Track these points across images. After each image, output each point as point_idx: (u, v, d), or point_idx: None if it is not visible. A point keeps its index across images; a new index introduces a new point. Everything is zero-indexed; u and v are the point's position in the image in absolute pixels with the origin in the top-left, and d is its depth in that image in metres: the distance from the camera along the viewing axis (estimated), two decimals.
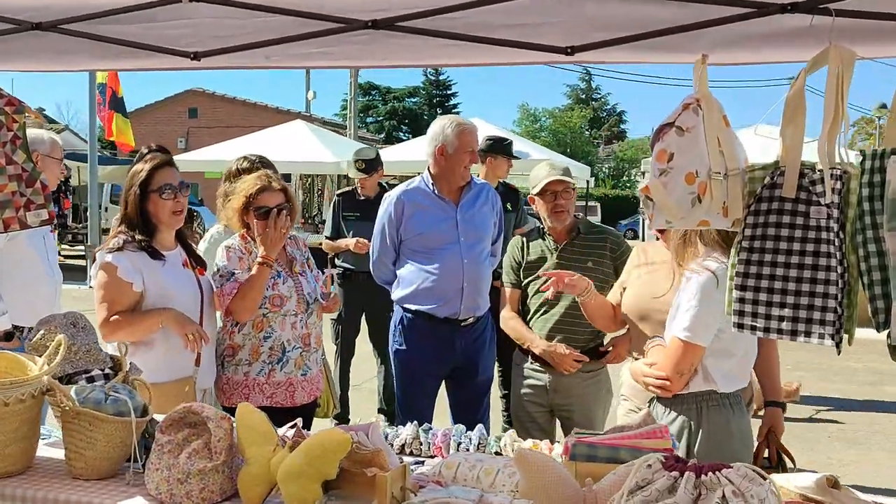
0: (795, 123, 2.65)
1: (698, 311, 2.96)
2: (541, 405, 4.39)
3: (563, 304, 4.23)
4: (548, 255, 4.34)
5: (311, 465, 2.34)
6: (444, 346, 4.75)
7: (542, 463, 2.16)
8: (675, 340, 3.02)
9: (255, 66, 3.05)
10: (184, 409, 2.57)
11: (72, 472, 2.67)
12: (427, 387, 4.89)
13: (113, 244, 3.54)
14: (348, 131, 26.82)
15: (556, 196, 4.26)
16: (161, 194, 3.57)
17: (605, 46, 2.73)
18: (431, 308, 4.71)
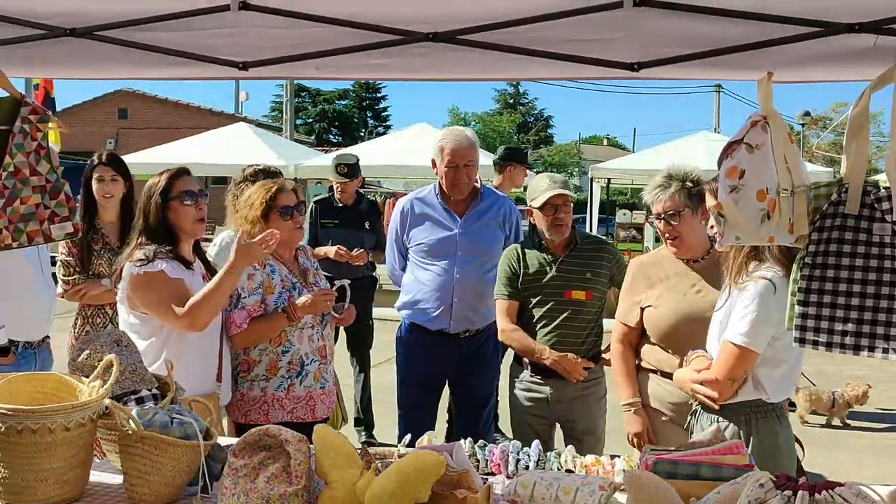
0: (859, 140, 2.70)
1: (756, 317, 2.99)
2: (542, 417, 4.35)
3: (562, 315, 4.22)
4: (547, 268, 4.30)
5: (404, 488, 2.30)
6: (437, 359, 4.73)
7: (655, 484, 2.16)
8: (730, 346, 3.03)
9: (304, 77, 2.98)
10: (259, 433, 2.49)
11: (133, 497, 2.56)
12: (425, 398, 4.85)
13: (142, 255, 3.41)
14: (285, 133, 26.51)
15: (556, 210, 4.23)
16: (183, 201, 3.48)
17: (672, 63, 2.75)
18: (422, 320, 4.69)
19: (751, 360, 3.03)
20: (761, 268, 3.05)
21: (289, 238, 3.98)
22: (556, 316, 4.24)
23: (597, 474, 2.84)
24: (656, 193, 3.72)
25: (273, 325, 3.83)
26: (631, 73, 2.76)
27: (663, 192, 3.69)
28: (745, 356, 3.02)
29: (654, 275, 3.82)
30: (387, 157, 15.45)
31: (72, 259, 4.64)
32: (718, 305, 3.19)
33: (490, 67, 2.92)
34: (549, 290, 4.26)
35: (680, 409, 3.65)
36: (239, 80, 34.45)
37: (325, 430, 2.48)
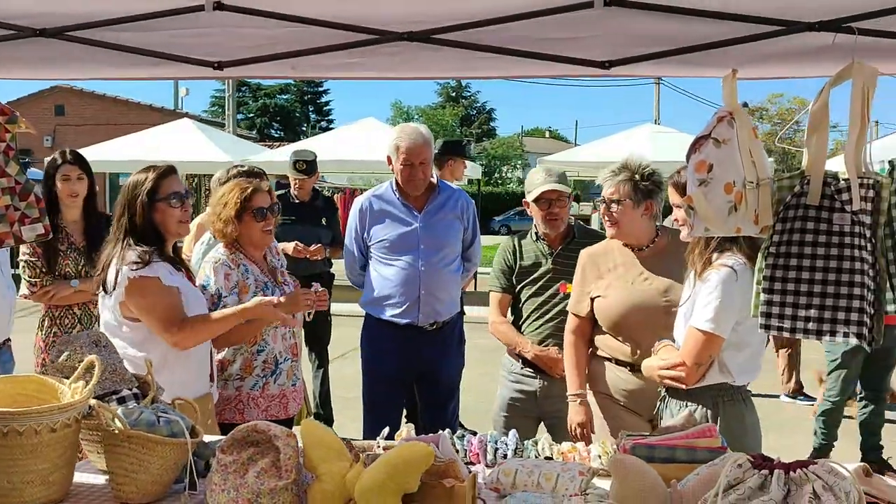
0: (819, 134, 2.82)
1: (720, 303, 3.10)
2: (527, 411, 4.41)
3: (556, 309, 4.30)
4: (542, 261, 4.38)
5: (393, 479, 2.35)
6: (406, 353, 4.77)
7: (640, 469, 2.24)
8: (696, 332, 3.14)
9: (281, 77, 3.00)
10: (247, 428, 2.52)
11: (120, 496, 2.57)
12: (393, 392, 4.90)
13: (136, 257, 3.39)
14: (227, 128, 26.26)
15: (550, 204, 4.29)
16: (170, 203, 3.46)
17: (641, 61, 2.83)
18: (391, 315, 4.73)
19: (716, 345, 3.14)
20: (723, 257, 3.16)
21: (260, 240, 4.00)
22: (550, 309, 4.32)
23: (573, 461, 2.92)
24: (606, 178, 3.81)
25: (254, 326, 3.85)
26: (602, 71, 2.84)
27: (612, 178, 3.77)
28: (711, 341, 3.13)
29: (602, 265, 3.91)
30: (333, 151, 15.40)
31: (37, 260, 4.59)
32: (683, 299, 3.29)
33: (464, 66, 2.98)
34: (544, 282, 4.34)
35: (634, 396, 3.74)
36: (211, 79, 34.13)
37: (312, 424, 2.53)
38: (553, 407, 4.31)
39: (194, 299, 3.55)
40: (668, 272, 3.71)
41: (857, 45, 2.72)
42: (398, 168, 4.62)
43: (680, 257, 3.60)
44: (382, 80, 3.05)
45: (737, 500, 2.16)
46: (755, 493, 2.16)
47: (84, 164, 4.72)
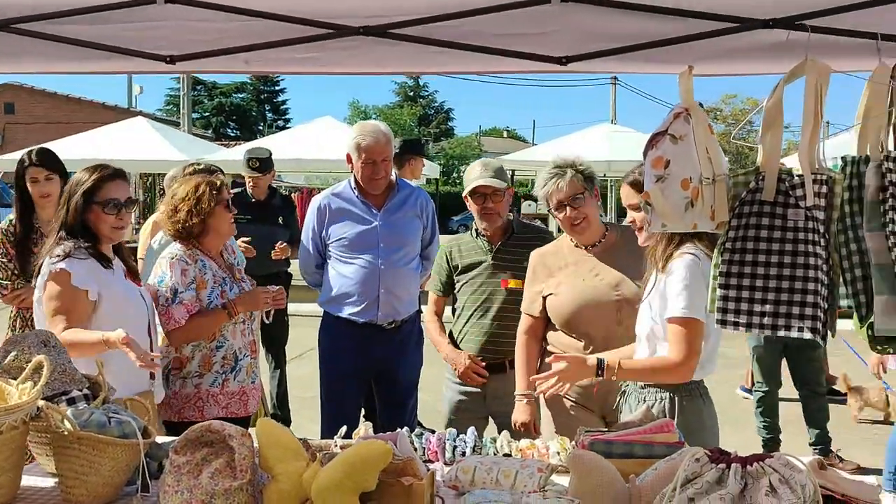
0: (774, 131, 2.84)
1: (690, 288, 3.07)
2: (476, 412, 4.38)
3: (499, 303, 4.29)
4: (483, 257, 4.37)
5: (351, 477, 2.32)
6: (364, 351, 4.74)
7: (597, 464, 2.23)
8: (676, 323, 3.09)
9: (234, 71, 2.96)
10: (201, 429, 2.47)
11: (70, 499, 2.51)
12: (351, 391, 4.87)
13: (60, 251, 3.33)
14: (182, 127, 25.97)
15: (485, 199, 4.28)
16: (104, 208, 3.39)
17: (598, 57, 2.83)
18: (349, 314, 4.70)
19: (700, 329, 3.09)
20: (682, 247, 3.16)
21: (229, 231, 3.98)
22: (493, 305, 4.30)
23: (532, 458, 2.91)
24: (552, 183, 3.78)
25: (213, 322, 3.82)
26: (560, 67, 2.84)
27: (560, 179, 3.76)
28: (694, 325, 3.08)
29: (553, 264, 3.91)
30: (290, 150, 15.29)
31: (9, 262, 4.48)
32: (646, 294, 3.28)
33: (419, 61, 2.96)
34: (485, 278, 4.33)
35: (586, 392, 3.73)
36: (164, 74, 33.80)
37: (268, 423, 2.49)
38: (502, 406, 4.28)
39: (127, 299, 3.49)
40: (619, 267, 3.74)
41: (811, 43, 2.75)
42: (359, 167, 4.59)
43: (630, 252, 3.61)
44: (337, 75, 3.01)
45: (694, 494, 2.16)
46: (713, 488, 2.16)
47: (52, 163, 4.60)
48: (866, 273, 2.72)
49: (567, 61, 2.83)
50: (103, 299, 3.38)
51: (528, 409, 3.93)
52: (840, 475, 2.66)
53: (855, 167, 2.76)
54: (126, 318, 3.39)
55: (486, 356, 4.31)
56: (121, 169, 3.48)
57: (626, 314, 3.62)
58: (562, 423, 3.79)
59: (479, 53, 2.86)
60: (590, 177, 3.82)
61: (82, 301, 3.33)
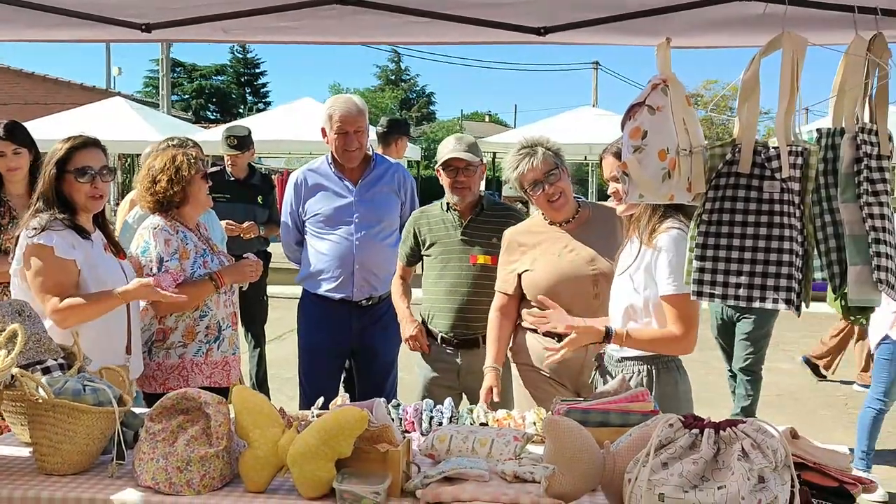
0: (750, 103, 2.84)
1: (679, 262, 3.06)
2: (449, 388, 4.37)
3: (469, 279, 4.27)
4: (452, 231, 4.34)
5: (327, 444, 2.32)
6: (340, 328, 4.74)
7: (572, 430, 2.24)
8: (675, 298, 3.11)
9: (212, 40, 2.94)
10: (177, 396, 2.47)
11: (44, 468, 2.51)
12: (328, 367, 4.87)
13: (36, 224, 3.30)
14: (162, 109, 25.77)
15: (457, 172, 4.25)
16: (77, 177, 3.37)
17: (577, 28, 2.82)
18: (325, 290, 4.69)
19: (695, 302, 3.06)
20: (668, 221, 3.17)
21: (206, 201, 3.98)
22: (462, 281, 4.29)
23: (508, 427, 2.92)
24: (525, 162, 3.76)
25: (200, 292, 3.83)
26: (538, 38, 2.83)
27: (532, 157, 3.75)
28: (685, 299, 3.07)
29: (527, 241, 3.91)
30: (271, 131, 15.21)
31: None
32: (625, 264, 3.28)
33: (397, 31, 2.94)
34: (455, 253, 4.32)
35: (560, 366, 3.74)
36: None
37: (244, 390, 2.49)
38: (475, 382, 4.25)
39: (107, 272, 3.46)
40: (592, 243, 3.75)
41: (788, 16, 2.75)
42: (332, 138, 4.57)
43: (602, 229, 3.62)
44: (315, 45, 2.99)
45: (668, 458, 2.18)
46: (686, 453, 2.18)
47: (21, 137, 4.53)
48: (840, 244, 2.74)
49: (545, 32, 2.83)
50: (83, 271, 3.35)
51: (493, 379, 3.93)
52: (812, 444, 2.68)
53: (830, 139, 2.77)
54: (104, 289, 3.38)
55: (457, 332, 4.31)
56: (94, 137, 3.44)
57: (602, 288, 3.64)
58: (537, 398, 3.81)
59: (458, 23, 2.84)
60: (558, 153, 3.82)
61: (71, 271, 3.32)
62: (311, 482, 2.33)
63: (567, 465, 2.22)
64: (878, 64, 2.80)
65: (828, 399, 8.20)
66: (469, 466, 2.40)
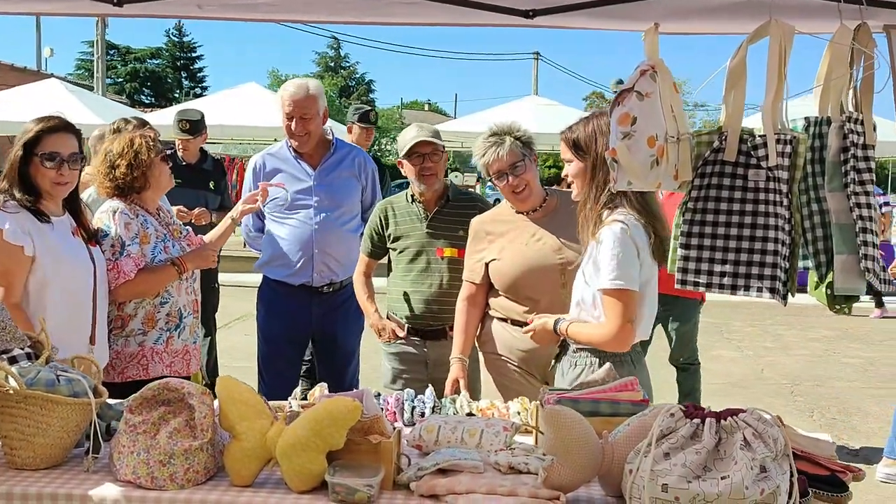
0: (737, 91, 2.84)
1: (621, 258, 2.99)
2: (417, 380, 4.27)
3: (437, 272, 4.21)
4: (418, 223, 4.26)
5: (319, 435, 2.25)
6: (299, 314, 4.66)
7: (573, 419, 2.20)
8: (608, 294, 3.03)
9: (186, 16, 2.82)
10: (158, 386, 2.37)
11: (14, 462, 2.38)
12: (288, 355, 4.78)
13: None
14: (97, 91, 25.17)
15: (423, 158, 4.16)
16: (44, 161, 3.22)
17: (564, 11, 2.78)
18: (285, 276, 4.61)
19: (633, 298, 3.03)
20: (613, 214, 3.10)
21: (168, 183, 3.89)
22: (431, 274, 4.21)
23: (492, 416, 2.88)
24: (492, 152, 3.72)
25: (162, 278, 3.69)
26: (526, 21, 2.78)
27: (499, 147, 3.70)
28: (626, 295, 3.01)
29: (494, 230, 3.87)
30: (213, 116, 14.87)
31: None
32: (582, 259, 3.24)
33: (381, 11, 2.86)
34: (421, 246, 4.24)
35: (528, 356, 3.72)
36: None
37: (229, 380, 2.40)
38: (443, 373, 4.19)
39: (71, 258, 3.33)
40: (559, 232, 3.71)
41: (774, 4, 2.74)
42: (284, 122, 4.48)
43: (570, 217, 3.57)
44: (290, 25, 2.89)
45: (669, 448, 2.15)
46: (687, 443, 2.16)
47: None
48: (827, 233, 2.75)
49: (534, 14, 2.78)
50: (40, 256, 3.20)
51: (459, 370, 3.89)
52: (797, 432, 2.69)
53: (817, 128, 2.78)
54: (63, 276, 3.24)
55: (425, 323, 4.25)
56: (67, 121, 3.30)
57: (569, 277, 3.58)
58: (505, 387, 3.77)
59: (444, 4, 2.77)
60: (528, 143, 3.77)
61: (19, 257, 3.15)
62: (301, 475, 2.25)
63: (567, 455, 2.18)
64: (863, 53, 2.81)
65: (774, 387, 8.35)
66: (463, 458, 2.34)
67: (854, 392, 8.25)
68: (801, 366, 9.37)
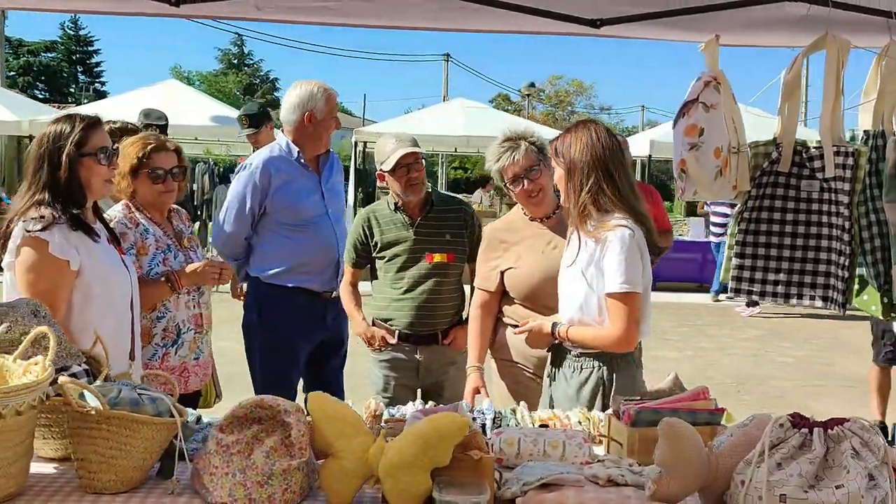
0: (791, 103, 2.91)
1: (628, 262, 3.08)
2: (408, 386, 4.32)
3: (427, 278, 4.20)
4: (405, 231, 4.23)
5: (426, 453, 2.19)
6: (314, 319, 4.54)
7: (688, 431, 2.20)
8: (616, 298, 3.12)
9: (243, 18, 2.72)
10: (250, 404, 2.27)
11: (93, 486, 2.24)
12: (296, 360, 4.64)
13: (36, 215, 2.95)
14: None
15: (408, 169, 4.14)
16: (98, 159, 3.05)
17: (631, 21, 2.78)
18: (310, 284, 4.46)
19: (637, 301, 3.14)
20: (612, 217, 3.15)
21: (154, 201, 3.68)
22: (419, 279, 4.20)
23: (555, 427, 2.86)
24: (507, 156, 3.72)
25: (154, 293, 3.54)
26: (593, 31, 2.79)
27: (514, 152, 3.71)
28: (632, 298, 3.12)
29: (509, 238, 3.87)
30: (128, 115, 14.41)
31: None
32: (570, 259, 3.28)
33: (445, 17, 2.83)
34: (410, 254, 4.21)
35: (543, 362, 3.73)
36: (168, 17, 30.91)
37: (321, 396, 2.31)
38: (433, 377, 4.28)
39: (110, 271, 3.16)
40: None
41: (831, 18, 2.81)
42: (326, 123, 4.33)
43: None
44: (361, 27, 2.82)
45: (781, 459, 2.17)
46: (798, 452, 2.19)
47: None
48: (885, 244, 2.83)
49: (601, 24, 2.77)
50: (85, 271, 3.02)
51: (477, 379, 3.89)
52: None
53: (877, 140, 2.85)
54: (110, 291, 3.09)
55: (417, 329, 4.23)
56: (98, 116, 3.13)
57: None
58: (520, 394, 3.77)
59: (508, 11, 2.75)
60: (542, 148, 3.78)
61: (64, 272, 2.98)
62: (406, 494, 2.19)
63: (682, 467, 2.18)
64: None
65: (721, 386, 8.57)
66: (560, 472, 2.32)
67: (796, 390, 8.55)
68: (740, 365, 9.65)
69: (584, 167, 3.09)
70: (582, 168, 3.10)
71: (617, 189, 3.13)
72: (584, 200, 3.17)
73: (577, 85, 49.98)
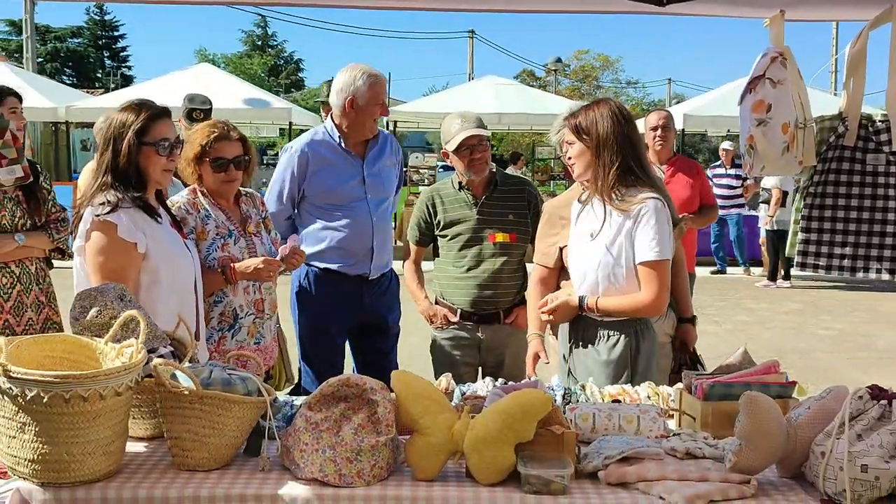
0: (857, 76, 2.91)
1: (660, 232, 3.16)
2: (470, 364, 4.38)
3: (490, 257, 4.26)
4: (469, 210, 4.29)
5: (510, 428, 2.25)
6: (352, 301, 4.59)
7: (769, 405, 2.24)
8: (650, 266, 3.19)
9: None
10: (337, 383, 2.33)
11: (187, 464, 2.32)
12: (340, 343, 4.72)
13: (103, 199, 3.03)
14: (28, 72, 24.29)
15: (472, 150, 4.20)
16: (158, 149, 3.12)
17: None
18: (341, 266, 4.52)
19: (668, 267, 3.23)
20: (640, 192, 3.20)
21: (219, 189, 3.72)
22: (482, 258, 4.25)
23: (625, 402, 2.90)
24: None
25: (210, 282, 3.57)
26: (659, 9, 2.79)
27: None
28: (664, 265, 3.20)
29: (568, 215, 3.90)
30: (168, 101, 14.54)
31: None
32: (592, 227, 3.31)
33: None
34: (473, 233, 4.26)
35: None
36: None
37: (405, 374, 2.38)
38: (494, 356, 4.32)
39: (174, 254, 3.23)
40: None
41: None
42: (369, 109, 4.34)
43: None
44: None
45: (861, 430, 2.21)
46: (877, 424, 2.22)
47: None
48: None
49: (667, 2, 2.78)
50: (151, 254, 3.10)
51: (539, 343, 3.94)
52: None
53: None
54: (174, 273, 3.16)
55: (479, 308, 4.29)
56: (166, 107, 3.19)
57: None
58: None
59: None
60: None
61: (132, 254, 3.05)
62: (491, 468, 2.25)
63: (762, 439, 2.22)
64: None
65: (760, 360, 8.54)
66: (640, 445, 2.37)
67: (840, 363, 8.52)
68: (781, 339, 9.63)
69: (614, 144, 3.16)
70: (612, 145, 3.16)
71: (642, 165, 3.22)
72: (613, 176, 3.22)
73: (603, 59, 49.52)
